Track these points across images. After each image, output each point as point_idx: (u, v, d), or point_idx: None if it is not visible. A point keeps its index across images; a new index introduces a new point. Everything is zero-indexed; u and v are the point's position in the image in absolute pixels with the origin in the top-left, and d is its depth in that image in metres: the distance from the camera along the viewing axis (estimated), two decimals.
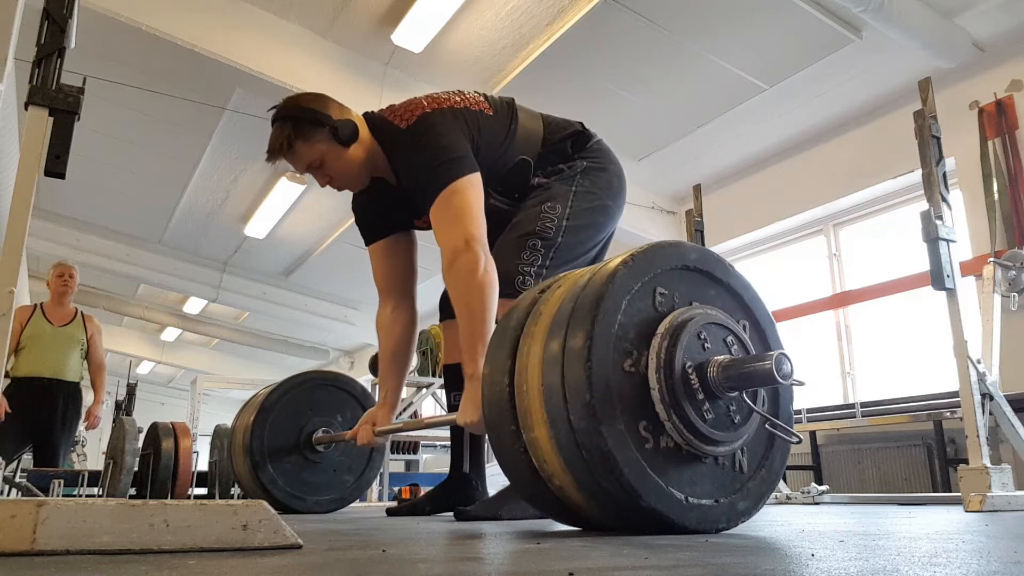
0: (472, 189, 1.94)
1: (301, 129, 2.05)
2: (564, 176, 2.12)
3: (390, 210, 2.27)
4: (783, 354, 1.26)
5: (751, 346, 1.38)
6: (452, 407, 2.41)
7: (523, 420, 1.32)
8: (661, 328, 1.30)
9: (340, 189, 2.16)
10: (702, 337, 1.31)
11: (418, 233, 2.39)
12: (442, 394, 5.76)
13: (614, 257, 1.36)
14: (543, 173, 2.13)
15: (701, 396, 1.28)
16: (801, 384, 1.35)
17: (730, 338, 1.36)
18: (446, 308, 2.34)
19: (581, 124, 2.23)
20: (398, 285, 2.35)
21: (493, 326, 1.83)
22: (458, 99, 2.08)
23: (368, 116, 2.13)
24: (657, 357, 1.27)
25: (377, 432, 2.27)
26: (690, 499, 1.25)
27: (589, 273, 1.36)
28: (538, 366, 1.30)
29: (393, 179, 2.16)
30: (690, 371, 1.28)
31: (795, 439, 1.38)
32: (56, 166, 1.41)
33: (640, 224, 6.48)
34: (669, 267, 1.35)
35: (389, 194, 2.21)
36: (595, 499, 1.27)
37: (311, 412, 2.78)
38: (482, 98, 2.13)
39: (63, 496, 3.93)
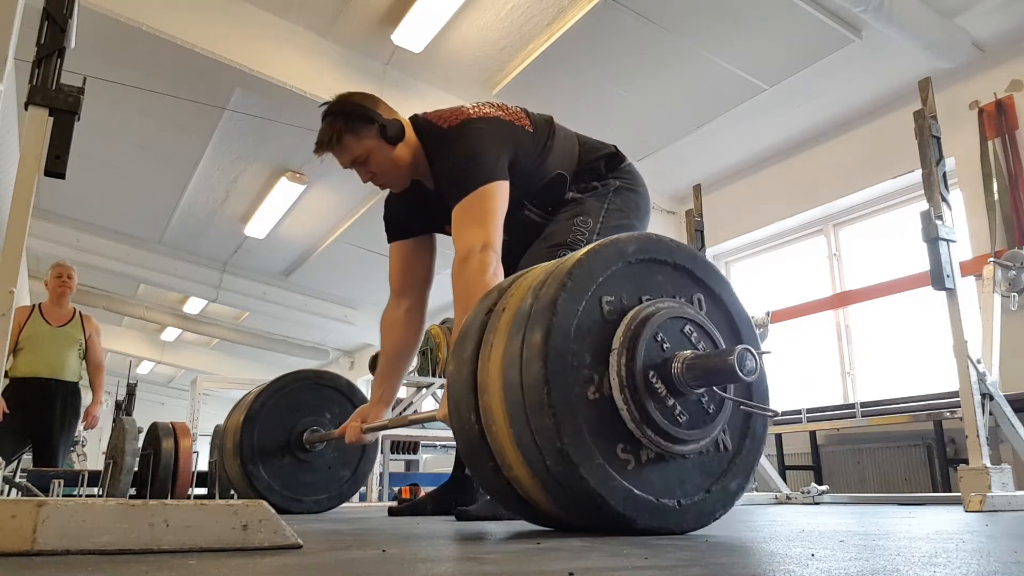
0: (499, 196, 1.99)
1: (351, 124, 2.10)
2: (598, 193, 2.18)
3: (422, 213, 2.29)
4: (746, 349, 1.22)
5: (710, 327, 1.34)
6: None
7: (500, 459, 1.29)
8: (616, 343, 1.25)
9: (383, 187, 2.20)
10: (659, 339, 1.27)
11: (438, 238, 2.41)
12: (441, 394, 5.75)
13: (552, 275, 1.30)
14: (577, 189, 2.18)
15: (671, 401, 1.25)
16: (767, 352, 1.34)
17: (688, 327, 1.31)
18: None
19: (615, 147, 2.29)
20: (414, 287, 2.37)
21: None
22: (501, 112, 2.13)
23: (414, 119, 2.18)
24: (619, 376, 1.23)
25: (365, 429, 2.28)
26: (683, 501, 1.24)
27: (532, 296, 1.29)
28: (501, 408, 1.26)
29: (431, 183, 2.19)
30: (653, 379, 1.24)
31: (771, 413, 1.36)
32: (56, 166, 1.41)
33: None
34: (610, 271, 1.30)
35: (425, 197, 2.23)
36: (591, 524, 1.26)
37: (299, 412, 2.77)
38: (524, 114, 2.18)
39: (63, 496, 3.93)
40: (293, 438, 2.73)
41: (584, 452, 1.18)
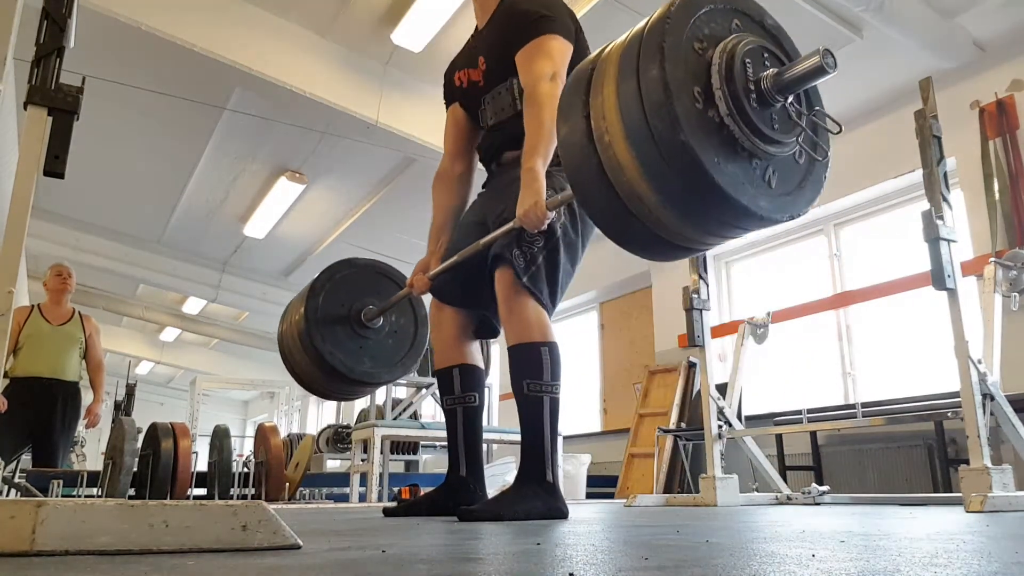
0: (567, 50, 2.16)
1: None
2: None
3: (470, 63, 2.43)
4: (827, 50, 1.37)
5: (784, 59, 1.48)
6: (446, 411, 2.40)
7: (596, 79, 1.47)
8: (733, 36, 1.43)
9: None
10: (766, 55, 1.43)
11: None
12: None
13: (652, 19, 1.48)
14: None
15: (753, 96, 1.39)
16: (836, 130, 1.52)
17: (769, 55, 1.45)
18: (445, 289, 2.37)
19: None
20: (467, 151, 2.52)
21: (554, 146, 1.98)
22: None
23: None
24: (724, 47, 1.40)
25: (430, 276, 2.36)
26: (719, 162, 1.34)
27: (636, 37, 1.49)
28: (623, 42, 1.45)
29: (484, 18, 2.38)
30: (748, 65, 1.39)
31: (837, 127, 1.52)
32: (55, 166, 1.41)
33: None
34: (747, 12, 1.51)
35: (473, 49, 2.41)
36: (641, 145, 1.37)
37: (357, 293, 2.85)
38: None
39: (62, 496, 3.93)
40: (352, 314, 2.81)
41: (673, 60, 1.35)
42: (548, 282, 2.12)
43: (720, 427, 3.78)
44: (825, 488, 3.81)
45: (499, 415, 6.35)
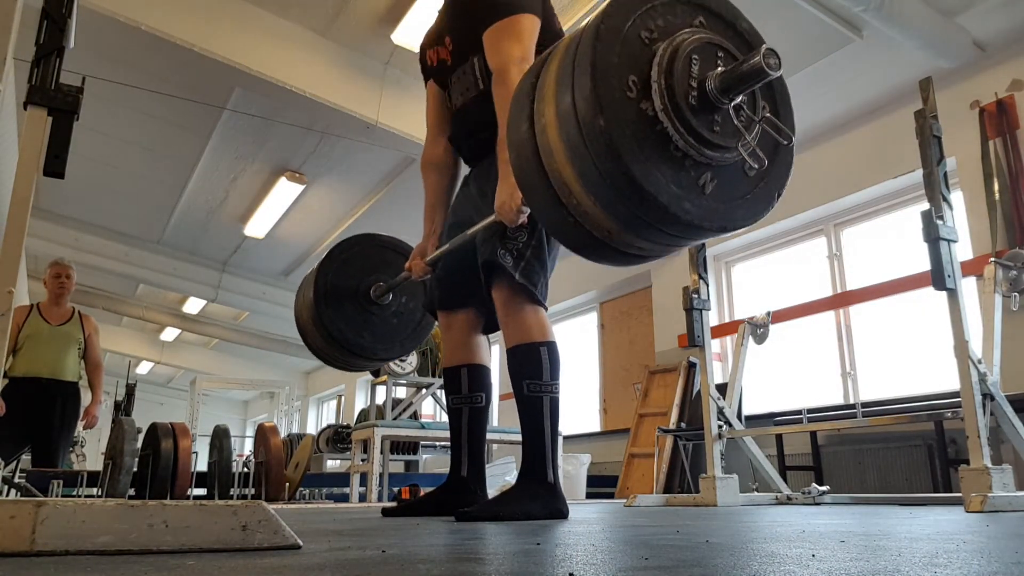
0: (535, 29, 2.10)
1: None
2: None
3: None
4: (769, 49, 1.30)
5: (736, 53, 1.41)
6: (452, 410, 2.41)
7: (545, 65, 1.44)
8: (688, 31, 1.37)
9: None
10: (720, 56, 1.36)
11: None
12: (441, 394, 5.75)
13: (589, 23, 1.44)
14: None
15: (694, 94, 1.33)
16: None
17: (719, 52, 1.39)
18: (447, 297, 2.38)
19: None
20: (450, 122, 2.47)
21: None
22: None
23: None
24: (672, 40, 1.33)
25: (427, 261, 2.37)
26: (644, 156, 1.29)
27: (573, 43, 1.44)
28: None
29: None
30: (695, 62, 1.33)
31: (789, 138, 1.44)
32: (55, 166, 1.41)
33: None
34: (716, 10, 1.46)
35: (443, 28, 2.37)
36: (567, 127, 1.34)
37: (367, 269, 2.88)
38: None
39: (62, 496, 3.93)
40: (361, 291, 2.84)
41: (607, 42, 1.31)
42: (542, 272, 2.14)
43: (720, 427, 3.78)
44: (825, 488, 3.81)
45: (499, 415, 6.35)
